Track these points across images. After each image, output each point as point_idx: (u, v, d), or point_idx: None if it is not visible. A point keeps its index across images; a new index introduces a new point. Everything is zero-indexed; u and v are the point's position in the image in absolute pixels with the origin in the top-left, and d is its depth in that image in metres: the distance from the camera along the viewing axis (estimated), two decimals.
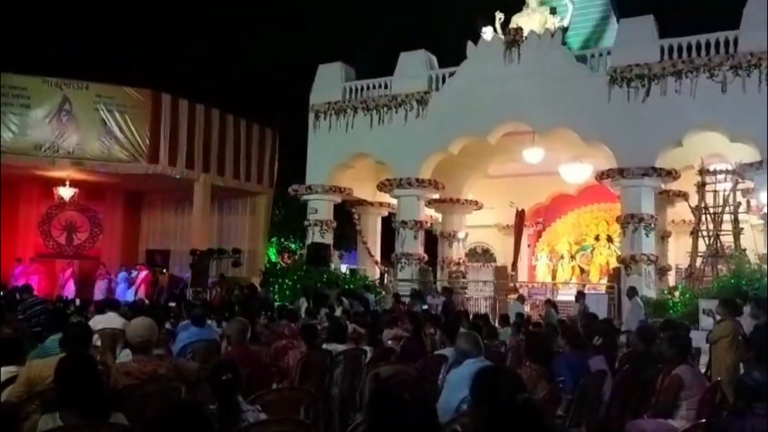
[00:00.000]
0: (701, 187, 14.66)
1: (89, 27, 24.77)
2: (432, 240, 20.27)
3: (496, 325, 9.56)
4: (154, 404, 4.10)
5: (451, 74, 16.75)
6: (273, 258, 23.02)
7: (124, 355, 5.52)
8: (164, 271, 20.96)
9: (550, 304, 13.47)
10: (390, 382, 1.79)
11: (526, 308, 14.39)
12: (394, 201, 18.16)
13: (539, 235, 21.49)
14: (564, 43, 16.60)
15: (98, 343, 7.43)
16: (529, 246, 21.09)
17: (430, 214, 19.37)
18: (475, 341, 4.33)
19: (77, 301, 12.90)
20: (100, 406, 3.20)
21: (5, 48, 21.97)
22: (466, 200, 19.33)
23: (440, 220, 20.07)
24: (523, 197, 19.58)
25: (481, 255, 21.35)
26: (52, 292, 19.10)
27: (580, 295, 13.93)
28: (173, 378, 4.34)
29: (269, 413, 3.67)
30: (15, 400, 3.91)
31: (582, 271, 20.47)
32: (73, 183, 19.15)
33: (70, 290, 19.15)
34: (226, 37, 26.35)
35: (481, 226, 20.66)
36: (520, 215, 19.40)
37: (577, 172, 16.77)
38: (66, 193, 19.30)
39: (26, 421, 3.75)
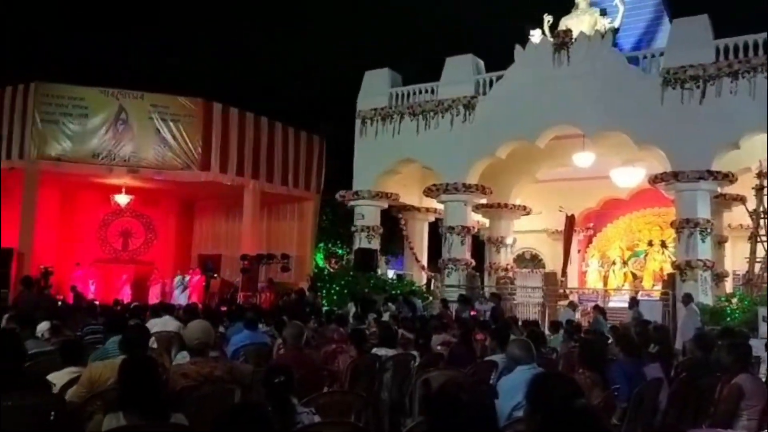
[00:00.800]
0: (759, 190, 14.17)
1: (144, 40, 25.60)
2: (479, 245, 20.13)
3: (546, 331, 9.43)
4: (211, 405, 4.19)
5: (499, 78, 16.64)
6: (320, 263, 23.24)
7: (181, 357, 5.65)
8: (216, 275, 21.40)
9: (599, 310, 13.21)
10: (446, 385, 1.79)
11: (577, 315, 14.12)
12: (440, 206, 18.13)
13: (590, 240, 21.11)
14: (615, 45, 16.31)
15: (154, 345, 7.64)
16: (579, 251, 20.73)
17: (477, 219, 19.24)
18: (527, 348, 4.29)
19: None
20: (160, 406, 3.30)
21: (65, 60, 22.91)
22: (514, 205, 19.14)
23: (487, 225, 19.92)
24: (572, 202, 19.27)
25: (530, 261, 21.08)
26: (108, 296, 19.73)
27: (634, 302, 13.62)
28: (228, 380, 4.42)
29: (322, 416, 3.72)
30: (77, 400, 4.06)
31: (635, 277, 20.00)
32: (129, 190, 19.74)
33: (126, 294, 19.75)
34: (275, 47, 26.82)
35: (529, 232, 20.42)
36: (570, 220, 19.09)
37: (629, 176, 16.43)
38: (122, 200, 19.91)
39: (89, 420, 3.90)
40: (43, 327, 7.11)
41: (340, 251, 23.58)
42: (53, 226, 20.83)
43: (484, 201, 17.96)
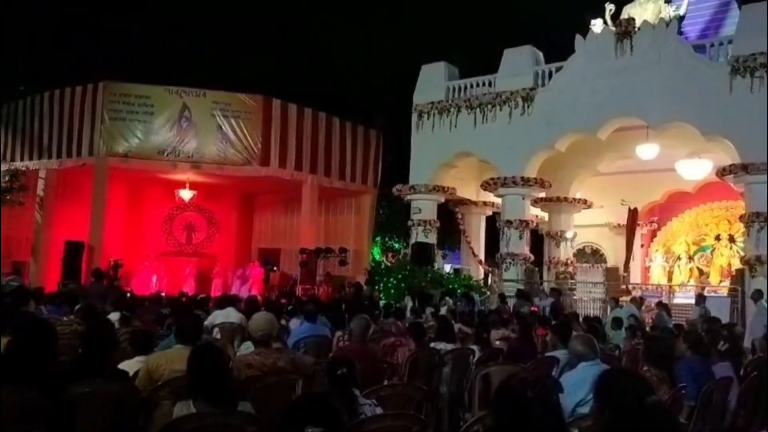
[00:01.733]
0: None
1: (206, 39, 26.24)
2: (538, 240, 19.85)
3: (608, 328, 9.23)
4: (274, 395, 4.30)
5: (558, 69, 16.32)
6: (377, 257, 23.34)
7: (245, 348, 5.82)
8: (275, 269, 21.81)
9: (662, 307, 12.83)
10: (511, 380, 1.79)
11: (641, 311, 13.72)
12: (498, 200, 17.93)
13: (654, 234, 20.50)
14: (680, 33, 15.76)
15: (218, 336, 7.88)
16: (642, 246, 20.17)
17: (535, 213, 18.96)
18: (590, 344, 4.22)
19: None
20: (228, 395, 3.41)
21: (132, 60, 23.73)
22: (574, 199, 18.78)
23: (547, 219, 19.62)
24: (636, 195, 18.76)
25: (591, 255, 20.64)
26: (173, 288, 20.38)
27: (701, 298, 13.17)
28: (291, 371, 4.53)
29: (383, 408, 3.76)
30: (141, 389, 4.23)
31: (701, 272, 19.32)
32: (192, 185, 20.32)
33: (190, 286, 20.36)
34: (332, 43, 27.03)
35: (590, 226, 20.00)
36: (633, 214, 18.59)
37: (696, 169, 15.86)
38: (186, 194, 20.52)
39: (157, 407, 4.06)
40: (113, 318, 7.41)
41: (396, 245, 23.64)
42: (121, 220, 21.68)
43: (543, 195, 17.69)
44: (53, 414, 3.41)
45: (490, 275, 19.25)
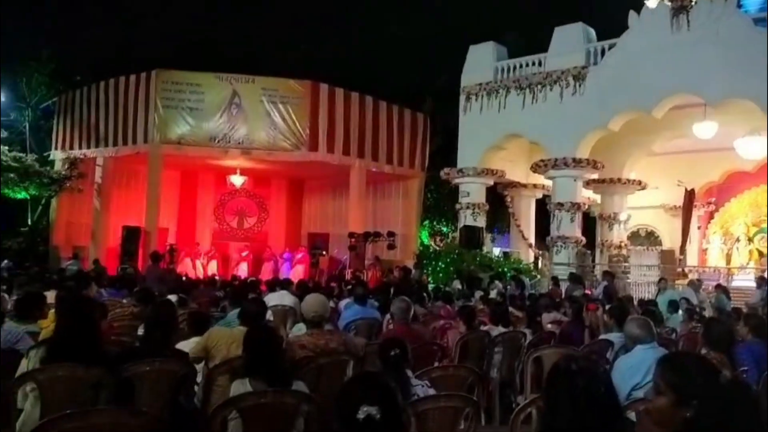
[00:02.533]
0: None
1: (254, 24, 26.52)
2: (590, 222, 19.48)
3: (665, 311, 9.01)
4: (327, 375, 4.38)
5: (611, 47, 15.88)
6: (425, 241, 23.32)
7: (297, 329, 5.92)
8: (324, 253, 22.04)
9: (721, 289, 12.43)
10: (564, 360, 1.78)
11: (699, 295, 13.33)
12: (548, 182, 17.68)
13: (711, 216, 19.86)
14: (739, 6, 15.08)
15: (271, 318, 8.03)
16: (699, 228, 19.57)
17: (587, 195, 18.59)
18: (648, 327, 4.13)
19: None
20: (282, 374, 3.49)
21: (183, 48, 24.18)
22: (627, 180, 18.31)
23: (599, 201, 19.22)
24: (692, 175, 18.19)
25: (645, 238, 20.15)
26: (226, 272, 20.85)
27: (762, 281, 12.71)
28: (343, 352, 4.59)
29: (436, 388, 3.78)
30: (192, 355, 4.36)
31: (761, 254, 18.63)
32: (243, 171, 20.66)
33: (243, 270, 20.77)
34: (378, 26, 26.95)
35: (644, 207, 19.51)
36: (689, 195, 18.04)
37: (756, 147, 15.23)
38: (237, 180, 20.90)
39: (214, 383, 4.18)
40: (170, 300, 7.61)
41: (445, 229, 23.54)
42: (175, 205, 22.29)
43: (595, 176, 17.31)
44: (116, 390, 3.57)
45: (540, 258, 19.02)
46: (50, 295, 7.10)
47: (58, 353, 3.58)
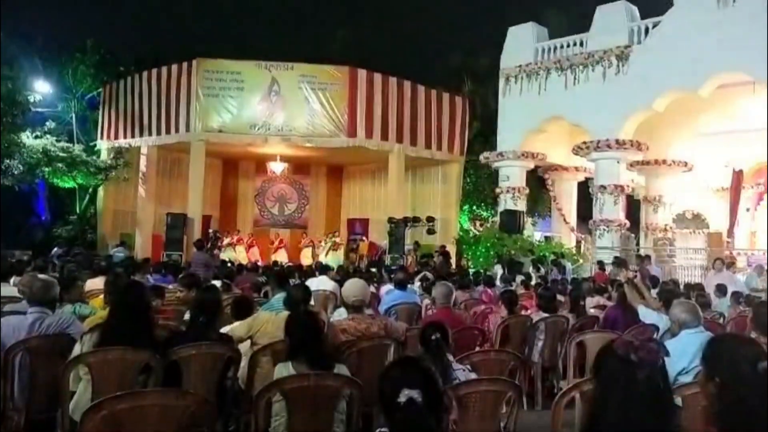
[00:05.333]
0: None
1: (291, 12, 26.62)
2: (634, 205, 19.10)
3: (712, 295, 8.79)
4: (369, 359, 4.41)
5: (656, 25, 15.46)
6: (465, 225, 23.23)
7: (338, 314, 5.98)
8: (364, 238, 22.14)
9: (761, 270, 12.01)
10: (615, 342, 1.74)
11: (741, 278, 12.95)
12: (590, 165, 17.40)
13: (761, 197, 19.20)
14: None
15: (312, 303, 8.13)
16: (748, 210, 18.95)
17: (631, 177, 18.20)
18: (694, 311, 4.04)
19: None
20: (324, 358, 3.53)
21: (223, 37, 24.46)
22: (673, 161, 17.85)
23: (643, 183, 18.80)
24: (740, 156, 17.60)
25: (691, 221, 19.64)
26: (266, 258, 21.14)
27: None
28: (384, 336, 4.61)
29: (477, 372, 3.77)
30: (234, 336, 4.45)
31: None
32: (283, 158, 20.86)
33: (282, 256, 21.03)
34: (414, 8, 26.75)
35: (690, 189, 18.98)
36: (738, 176, 17.49)
37: None
38: (277, 167, 21.11)
39: (258, 366, 4.26)
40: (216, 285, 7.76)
41: (484, 213, 23.37)
42: (217, 193, 22.66)
43: (639, 157, 16.94)
44: (164, 372, 3.67)
45: (582, 243, 18.76)
46: (99, 282, 7.33)
47: (110, 338, 3.69)
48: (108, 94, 21.30)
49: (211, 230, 20.22)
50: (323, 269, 10.21)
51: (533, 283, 10.74)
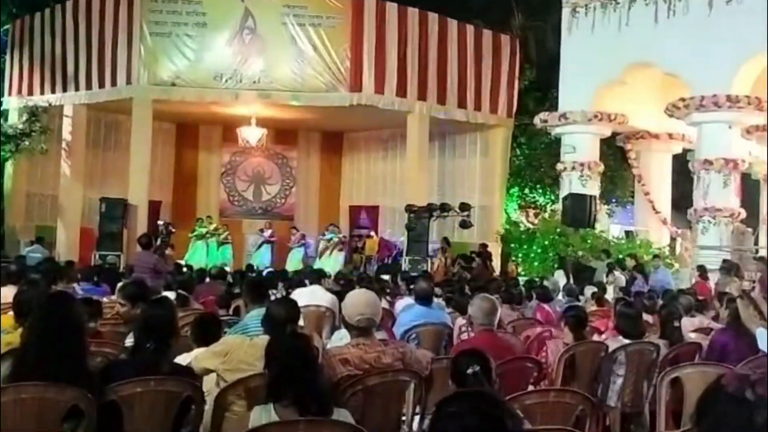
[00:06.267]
0: None
1: None
2: (752, 188, 19.03)
3: None
4: (379, 401, 4.44)
5: None
6: (514, 216, 23.23)
7: (338, 338, 6.00)
8: (372, 233, 22.18)
9: None
10: (723, 379, 1.73)
11: None
12: (691, 131, 17.40)
13: None
14: None
15: (302, 322, 8.17)
16: None
17: (748, 149, 18.11)
18: None
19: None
20: (319, 399, 3.55)
21: None
22: None
23: (765, 157, 18.71)
24: None
25: None
26: (240, 258, 21.23)
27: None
28: (400, 369, 4.63)
29: (531, 421, 3.79)
30: (199, 370, 4.48)
31: None
32: (260, 122, 20.82)
33: (262, 256, 21.16)
34: None
35: None
36: None
37: None
38: (252, 134, 21.06)
39: (227, 410, 4.29)
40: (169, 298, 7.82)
41: (541, 199, 23.38)
42: (169, 170, 22.75)
43: (759, 121, 16.85)
44: (98, 417, 3.70)
45: (679, 240, 18.75)
46: (8, 292, 7.39)
47: (25, 370, 3.71)
48: (18, 34, 21.42)
49: (161, 222, 20.35)
50: (316, 276, 10.24)
51: (609, 297, 10.72)
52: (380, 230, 22.63)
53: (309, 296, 8.86)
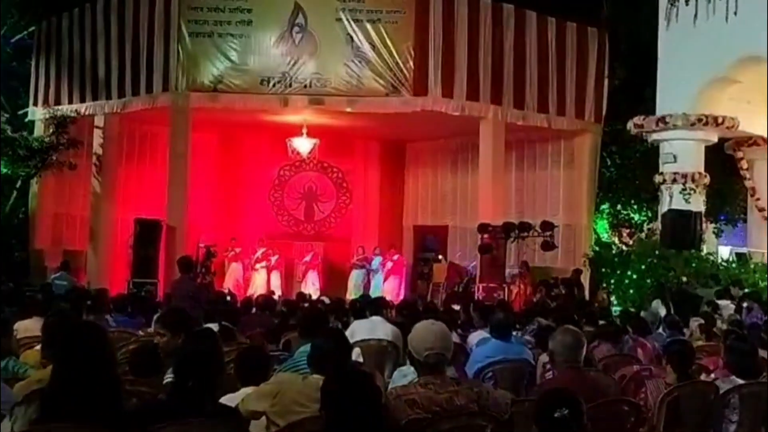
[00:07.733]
0: None
1: None
2: None
3: None
4: None
5: None
6: (604, 236, 23.00)
7: (400, 376, 5.99)
8: (440, 258, 22.14)
9: None
10: None
11: None
12: None
13: None
14: None
15: (360, 359, 8.18)
16: None
17: None
18: None
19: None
20: None
21: None
22: None
23: None
24: None
25: None
26: (289, 286, 21.36)
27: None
28: (476, 412, 4.60)
29: None
30: (247, 411, 4.55)
31: None
32: (312, 131, 20.95)
33: (313, 283, 21.26)
34: None
35: None
36: None
37: None
38: (302, 145, 21.19)
39: None
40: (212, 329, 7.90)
41: (636, 216, 23.12)
42: (210, 187, 22.97)
43: None
44: None
45: None
46: (34, 325, 7.56)
47: (55, 411, 3.77)
48: (44, 37, 21.90)
49: (203, 245, 20.54)
50: (377, 306, 10.24)
51: (719, 329, 10.52)
52: (449, 254, 22.56)
53: (369, 329, 8.88)
